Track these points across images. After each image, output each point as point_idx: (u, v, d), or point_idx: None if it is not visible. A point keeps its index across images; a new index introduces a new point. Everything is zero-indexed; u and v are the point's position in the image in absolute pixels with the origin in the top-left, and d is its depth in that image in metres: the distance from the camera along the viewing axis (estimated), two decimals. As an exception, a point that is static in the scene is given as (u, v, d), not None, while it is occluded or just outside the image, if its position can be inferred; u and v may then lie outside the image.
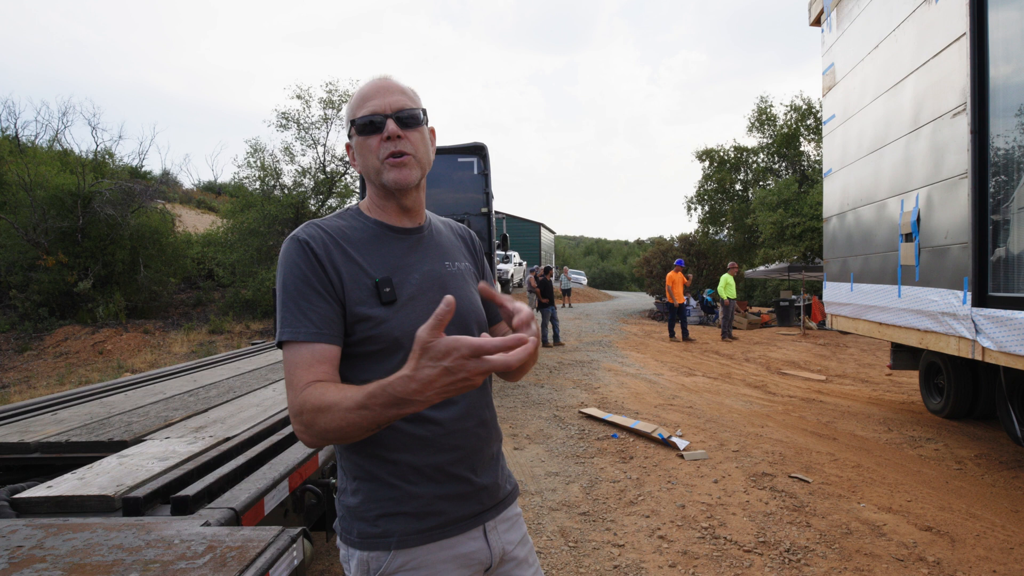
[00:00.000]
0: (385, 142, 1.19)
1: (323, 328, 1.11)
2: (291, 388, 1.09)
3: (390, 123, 1.18)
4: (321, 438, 1.06)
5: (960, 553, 3.35)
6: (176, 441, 2.37)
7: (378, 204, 1.26)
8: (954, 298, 4.51)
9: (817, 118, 22.47)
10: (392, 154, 1.19)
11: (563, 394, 7.85)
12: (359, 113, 1.21)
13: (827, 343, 13.18)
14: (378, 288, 1.16)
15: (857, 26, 6.43)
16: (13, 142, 20.56)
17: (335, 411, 1.00)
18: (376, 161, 1.20)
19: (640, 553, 3.44)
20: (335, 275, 1.14)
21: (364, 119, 1.20)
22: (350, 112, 1.24)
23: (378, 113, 1.19)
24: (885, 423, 6.27)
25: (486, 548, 1.24)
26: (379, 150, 1.19)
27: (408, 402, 0.93)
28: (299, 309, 1.11)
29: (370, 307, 1.14)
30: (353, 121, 1.21)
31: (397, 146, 1.19)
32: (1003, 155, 4.21)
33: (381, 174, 1.20)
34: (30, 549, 1.40)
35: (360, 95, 1.23)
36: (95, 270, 16.66)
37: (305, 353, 1.10)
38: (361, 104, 1.21)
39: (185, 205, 27.17)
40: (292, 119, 20.08)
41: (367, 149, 1.20)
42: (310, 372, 1.09)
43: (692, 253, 24.33)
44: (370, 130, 1.19)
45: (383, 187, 1.22)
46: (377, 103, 1.20)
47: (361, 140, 1.21)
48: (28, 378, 12.59)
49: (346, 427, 0.99)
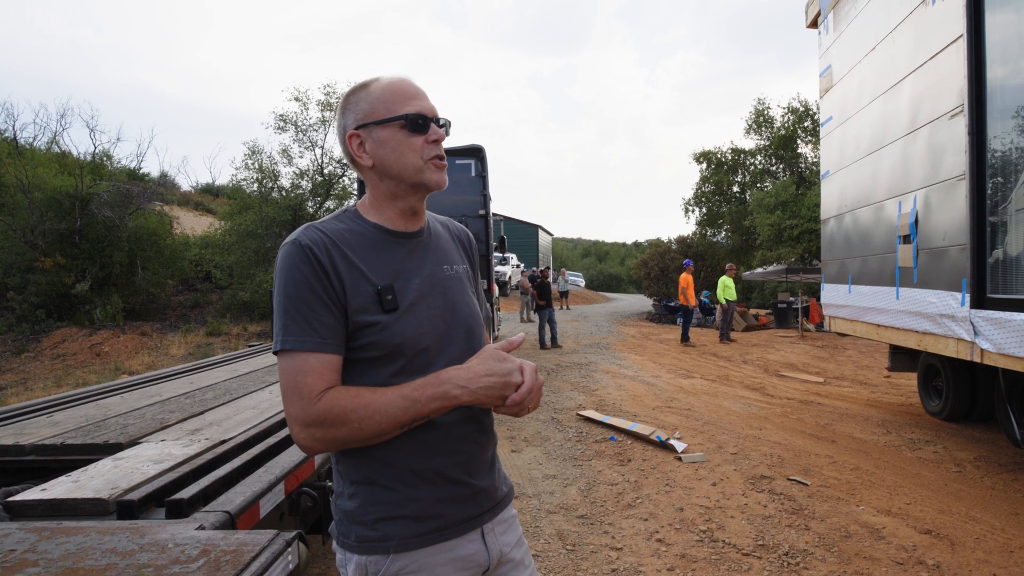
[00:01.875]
0: (431, 144, 1.19)
1: (328, 337, 1.10)
2: (298, 397, 1.07)
3: (437, 128, 1.21)
4: (341, 442, 1.09)
5: (960, 556, 3.34)
6: (172, 444, 2.35)
7: (384, 205, 1.24)
8: (952, 300, 4.51)
9: (815, 120, 22.52)
10: (438, 156, 1.21)
11: (561, 396, 7.84)
12: (405, 109, 1.18)
13: (825, 345, 13.18)
14: (380, 295, 1.15)
15: (854, 28, 6.44)
16: (11, 144, 20.49)
17: (379, 407, 1.06)
18: (419, 160, 1.19)
19: (638, 556, 3.42)
20: (337, 282, 1.13)
21: (416, 116, 1.18)
22: (384, 105, 1.19)
23: (426, 115, 1.19)
24: (884, 425, 6.26)
25: (484, 550, 1.24)
26: (423, 150, 1.19)
27: (459, 389, 1.09)
28: (303, 317, 1.10)
29: (372, 314, 1.13)
30: (404, 116, 1.18)
31: (440, 150, 1.21)
32: (1001, 157, 4.22)
33: (423, 173, 1.20)
34: (23, 553, 1.38)
35: (400, 91, 1.20)
36: (93, 272, 16.61)
37: (314, 362, 1.09)
38: (404, 100, 1.19)
39: (183, 207, 27.12)
40: (290, 121, 20.06)
41: (410, 147, 1.18)
42: (323, 380, 1.08)
43: (690, 255, 24.34)
44: (419, 128, 1.18)
45: (416, 186, 1.21)
46: (424, 104, 1.20)
47: (405, 136, 1.18)
48: (25, 380, 12.55)
49: (383, 421, 1.07)
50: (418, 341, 1.16)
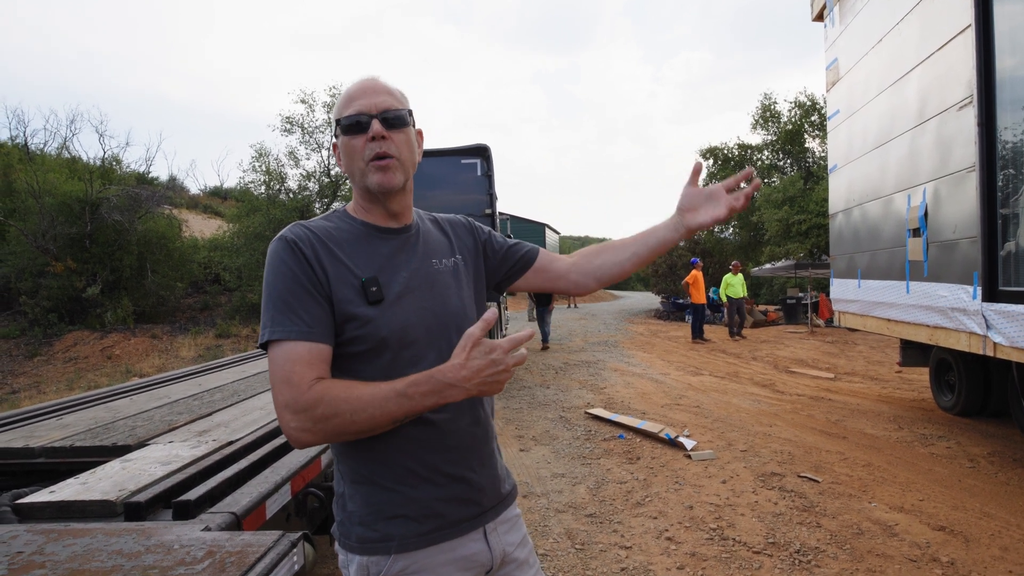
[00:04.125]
0: (370, 143, 1.17)
1: (315, 327, 1.10)
2: (288, 386, 1.06)
3: (375, 123, 1.17)
4: (329, 434, 1.07)
5: (974, 553, 3.30)
6: (179, 445, 2.36)
7: (364, 207, 1.25)
8: (964, 293, 4.46)
9: (821, 114, 22.34)
10: (377, 156, 1.18)
11: (569, 395, 7.82)
12: (345, 112, 1.19)
13: (835, 341, 13.09)
14: (364, 287, 1.14)
15: (860, 20, 6.38)
16: (22, 150, 20.65)
17: (370, 401, 1.04)
18: (361, 163, 1.19)
19: (648, 555, 3.41)
20: (322, 274, 1.13)
21: (350, 119, 1.18)
22: (336, 112, 1.22)
23: (364, 113, 1.18)
24: (895, 421, 6.21)
25: (487, 550, 1.23)
26: (364, 151, 1.18)
27: (454, 388, 1.03)
28: (289, 308, 1.10)
29: (356, 306, 1.13)
30: (339, 120, 1.20)
31: (382, 147, 1.18)
32: (1011, 148, 4.16)
33: (365, 176, 1.19)
34: (30, 555, 1.39)
35: (346, 95, 1.21)
36: (103, 276, 16.75)
37: (302, 350, 1.08)
38: (347, 104, 1.20)
39: (191, 210, 27.27)
40: (296, 123, 20.18)
41: (352, 150, 1.19)
42: (313, 369, 1.07)
43: (697, 252, 24.24)
44: (355, 130, 1.18)
45: (367, 190, 1.21)
46: (363, 103, 1.19)
47: (346, 140, 1.19)
48: (38, 383, 12.67)
49: (376, 415, 1.04)
50: (405, 334, 1.15)
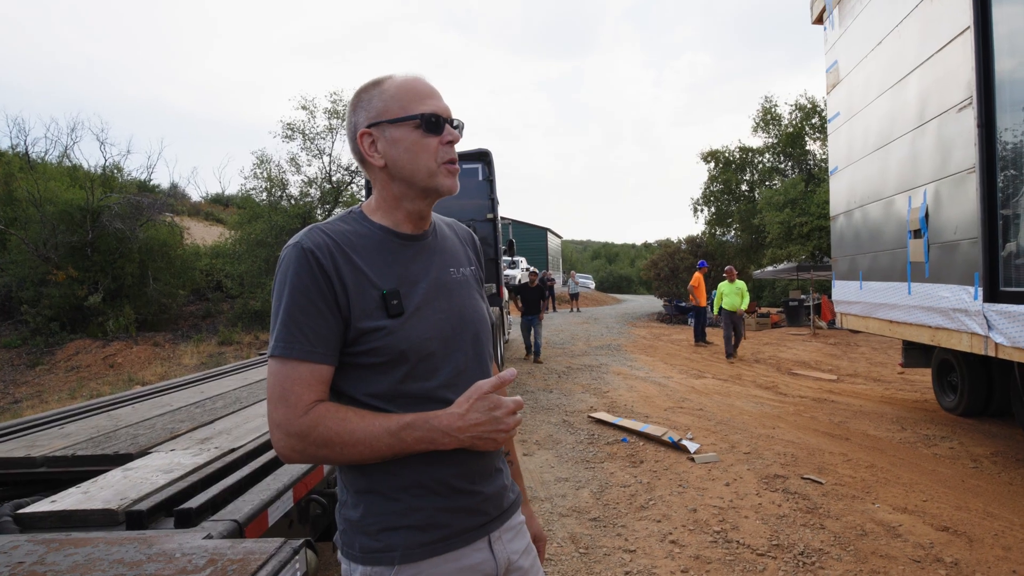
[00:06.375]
0: (445, 146, 1.15)
1: (320, 347, 1.08)
2: (285, 405, 1.06)
3: (454, 129, 1.16)
4: (320, 460, 1.09)
5: (978, 553, 3.29)
6: (181, 453, 2.36)
7: (391, 207, 1.20)
8: (965, 294, 4.45)
9: (822, 116, 22.34)
10: (452, 160, 1.17)
11: (572, 399, 7.81)
12: (421, 108, 1.14)
13: (838, 342, 13.06)
14: (386, 300, 1.11)
15: (859, 23, 6.39)
16: (23, 159, 20.75)
17: (361, 437, 1.04)
18: (432, 163, 1.15)
19: (652, 558, 3.40)
20: (340, 287, 1.09)
21: (432, 116, 1.14)
22: (398, 103, 1.14)
23: (443, 115, 1.15)
24: (898, 422, 6.19)
25: (491, 559, 1.21)
26: (438, 152, 1.15)
27: (447, 437, 1.05)
28: (297, 324, 1.08)
29: (376, 319, 1.10)
30: (420, 116, 1.13)
31: (454, 153, 1.17)
32: (1011, 149, 4.16)
33: (435, 177, 1.15)
34: (31, 565, 1.39)
35: (413, 88, 1.15)
36: (105, 284, 16.77)
37: (304, 370, 1.07)
38: (419, 99, 1.15)
39: (193, 217, 27.35)
40: (297, 130, 20.21)
41: (424, 148, 1.14)
42: (311, 391, 1.07)
43: (700, 255, 24.23)
44: (434, 129, 1.14)
45: (426, 190, 1.17)
46: (438, 104, 1.16)
47: (419, 137, 1.14)
48: (40, 392, 12.68)
49: (368, 455, 1.07)
50: (423, 347, 1.13)
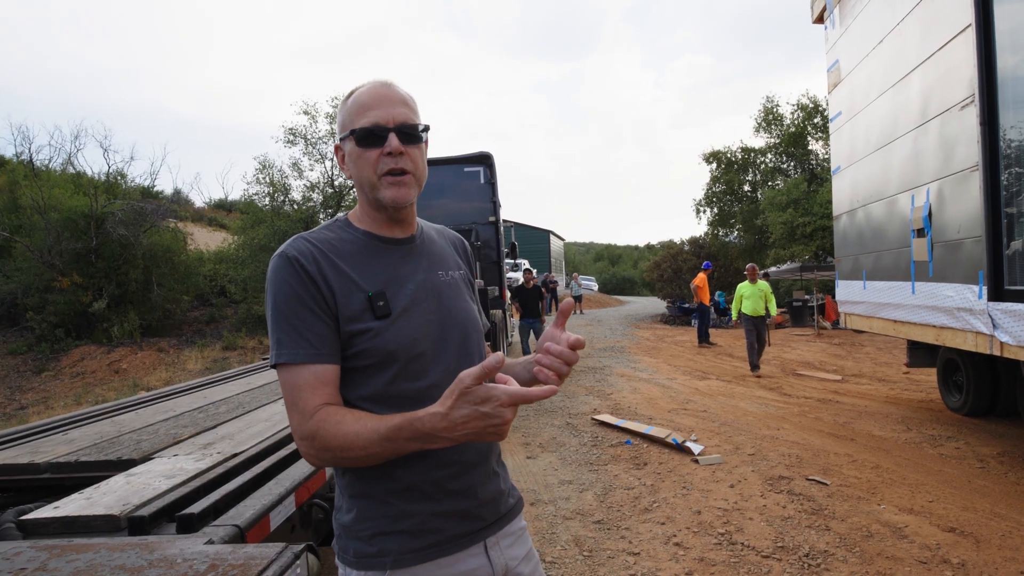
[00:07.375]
0: (385, 157, 1.12)
1: (321, 348, 1.09)
2: (296, 412, 1.06)
3: (393, 138, 1.12)
4: (332, 463, 1.09)
5: (985, 554, 3.27)
6: (184, 458, 2.36)
7: (369, 215, 1.21)
8: (970, 293, 4.43)
9: (824, 116, 22.32)
10: (391, 171, 1.13)
11: (575, 401, 7.80)
12: (359, 122, 1.13)
13: (842, 342, 13.02)
14: (372, 302, 1.12)
15: (860, 22, 6.39)
16: (28, 166, 20.85)
17: (355, 441, 1.03)
18: (373, 175, 1.14)
19: (656, 561, 3.38)
20: (328, 291, 1.10)
21: (365, 130, 1.13)
22: (347, 118, 1.16)
23: (381, 125, 1.12)
24: (904, 422, 6.16)
25: (487, 565, 1.19)
26: (377, 164, 1.13)
27: (435, 438, 0.97)
28: (294, 329, 1.08)
29: (364, 321, 1.11)
30: (353, 131, 1.14)
31: (398, 163, 1.13)
32: (1015, 146, 4.15)
33: (377, 190, 1.14)
34: (33, 571, 1.38)
35: (360, 101, 1.15)
36: (109, 290, 16.84)
37: (307, 375, 1.07)
38: (361, 112, 1.14)
39: (196, 223, 27.41)
40: (299, 135, 20.31)
41: (364, 161, 1.14)
42: (316, 395, 1.07)
43: (703, 256, 24.21)
44: (371, 142, 1.13)
45: (377, 202, 1.17)
46: (380, 114, 1.13)
47: (359, 151, 1.14)
48: (46, 399, 12.73)
49: (366, 457, 1.04)
50: (412, 347, 1.13)
